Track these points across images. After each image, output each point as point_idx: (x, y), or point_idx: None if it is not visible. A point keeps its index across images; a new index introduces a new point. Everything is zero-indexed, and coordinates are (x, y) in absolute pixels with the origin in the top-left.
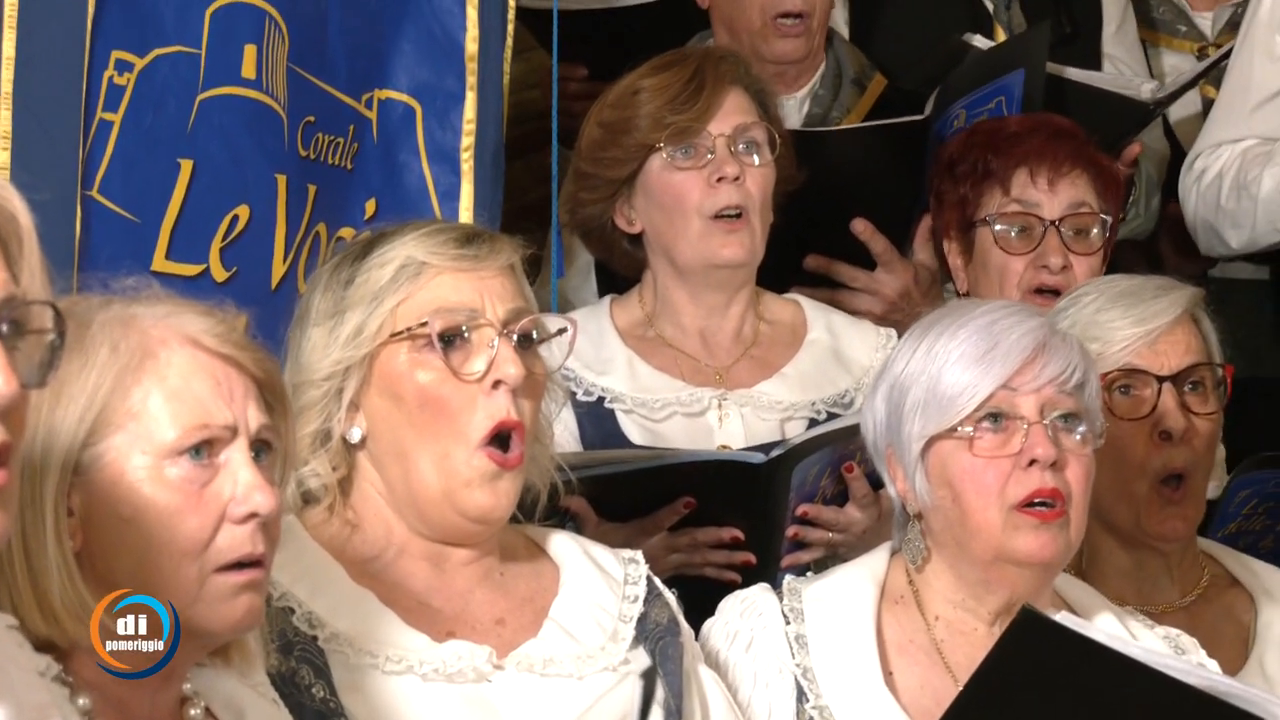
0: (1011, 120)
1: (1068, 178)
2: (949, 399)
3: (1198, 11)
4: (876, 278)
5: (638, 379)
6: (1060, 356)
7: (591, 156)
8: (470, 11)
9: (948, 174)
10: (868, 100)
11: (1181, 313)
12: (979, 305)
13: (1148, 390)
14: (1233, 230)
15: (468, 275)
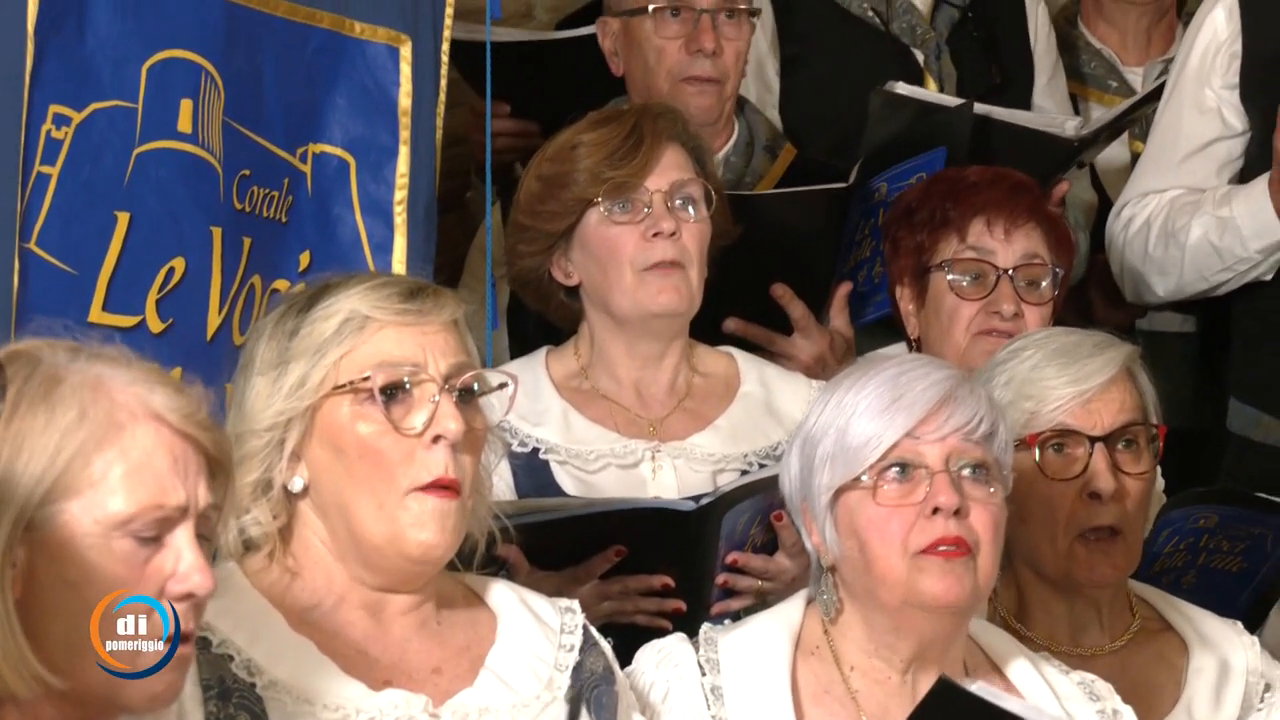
0: (971, 171)
1: (1023, 229)
2: (855, 450)
3: (1129, 67)
4: (793, 342)
5: (572, 431)
6: (966, 407)
7: (530, 209)
8: (404, 67)
9: (905, 221)
10: (779, 167)
11: (1117, 371)
12: (890, 359)
13: (1080, 450)
14: (1159, 278)
15: (411, 330)
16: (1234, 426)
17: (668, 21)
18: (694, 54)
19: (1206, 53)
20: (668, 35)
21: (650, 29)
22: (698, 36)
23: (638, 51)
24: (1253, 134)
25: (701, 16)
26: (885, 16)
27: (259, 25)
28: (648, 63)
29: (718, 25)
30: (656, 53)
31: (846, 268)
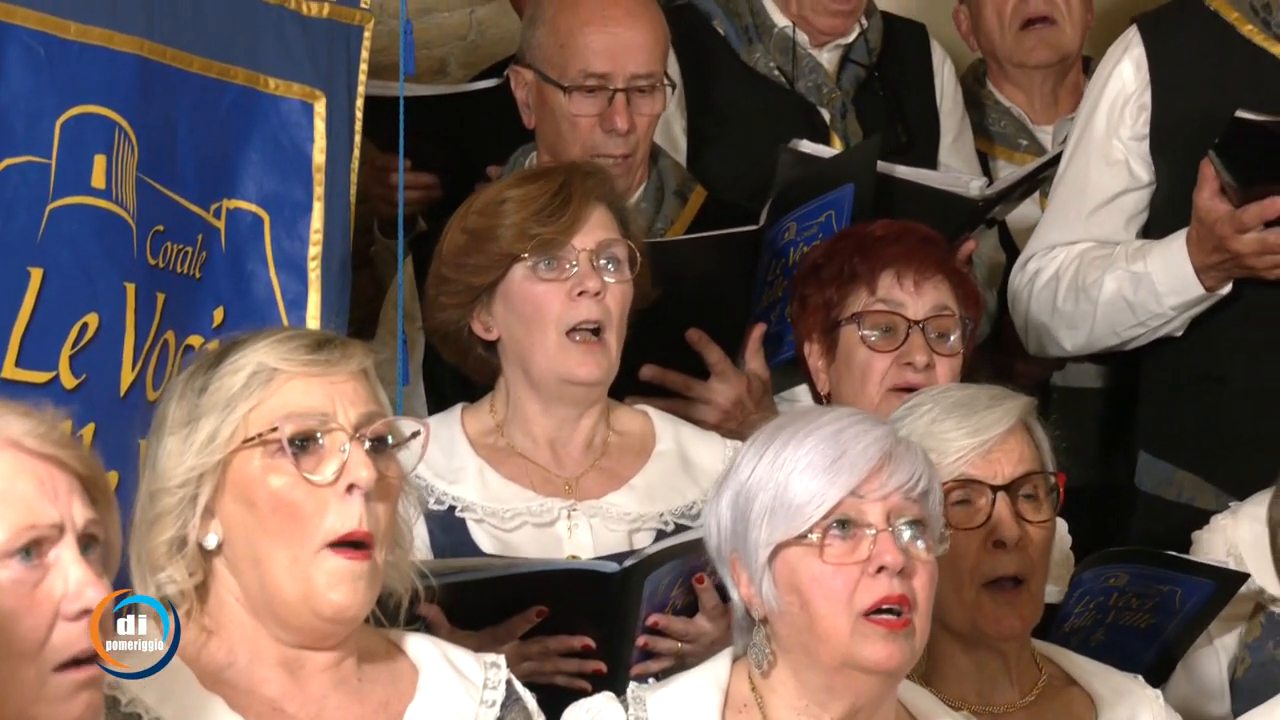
0: (877, 226)
1: (932, 281)
2: (797, 506)
3: (1038, 125)
4: (710, 387)
5: (488, 488)
6: (906, 464)
7: (454, 262)
8: (318, 123)
9: (812, 278)
10: (689, 211)
11: (1015, 423)
12: (824, 413)
13: (982, 500)
14: (1068, 332)
15: (319, 380)
16: (1143, 484)
17: (582, 99)
18: (608, 132)
19: (1114, 105)
20: (582, 111)
21: (564, 101)
22: (611, 117)
23: (550, 116)
24: (1160, 186)
25: (616, 96)
26: (791, 75)
27: (173, 81)
28: (560, 130)
29: (632, 101)
30: (570, 124)
31: (759, 309)
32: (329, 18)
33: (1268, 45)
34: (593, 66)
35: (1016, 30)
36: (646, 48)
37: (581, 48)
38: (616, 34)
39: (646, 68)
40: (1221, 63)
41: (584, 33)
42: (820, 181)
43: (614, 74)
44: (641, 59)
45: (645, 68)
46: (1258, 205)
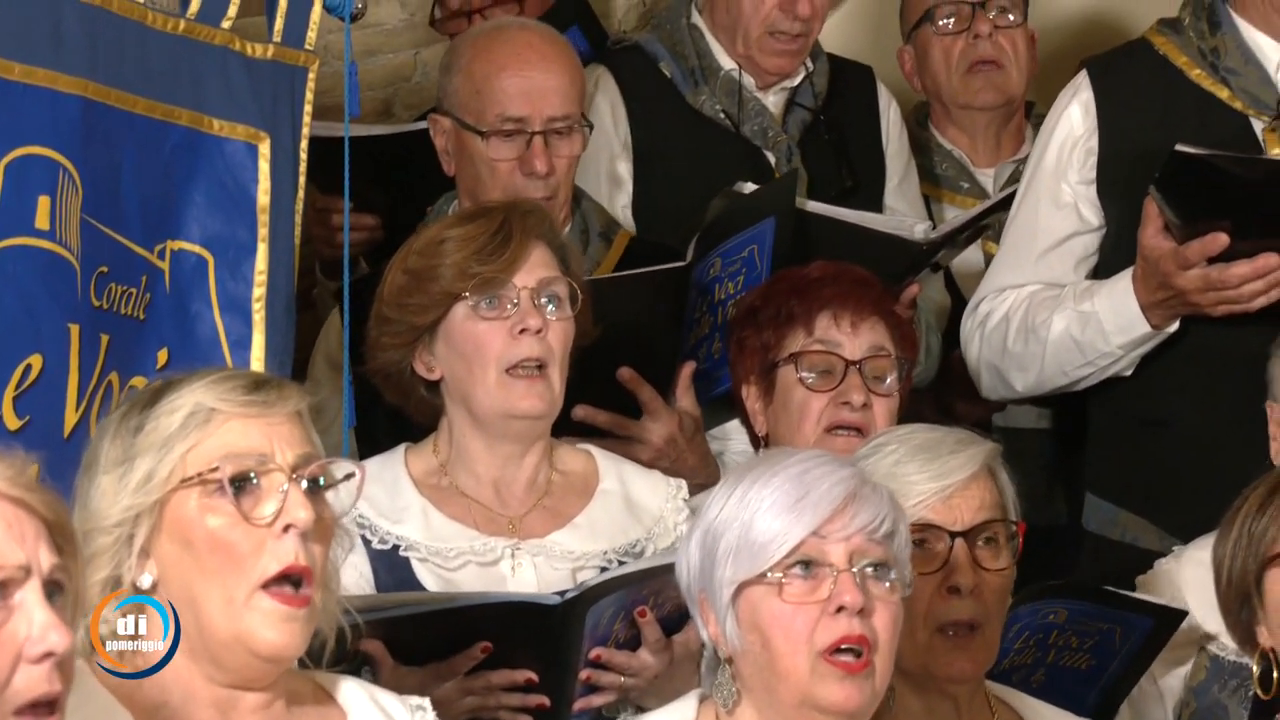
0: (813, 268)
1: (868, 322)
2: (760, 546)
3: (980, 168)
4: (643, 426)
5: (432, 528)
6: (870, 506)
7: (395, 302)
8: (262, 164)
9: (749, 320)
10: (614, 253)
11: (978, 469)
12: (793, 454)
13: (940, 544)
14: (1019, 373)
15: (256, 421)
16: (1090, 524)
17: (500, 143)
18: (528, 175)
19: (1063, 148)
20: (500, 156)
21: (483, 146)
22: (530, 160)
23: (470, 161)
24: (1109, 229)
25: (534, 139)
26: (737, 118)
27: (117, 122)
28: (480, 175)
29: (550, 144)
30: (489, 169)
31: (688, 346)
32: (273, 59)
33: (1215, 89)
34: (510, 110)
35: (963, 73)
36: (562, 90)
37: (498, 92)
38: (532, 77)
39: (563, 110)
40: (1169, 106)
41: (500, 77)
42: (742, 216)
43: (531, 117)
44: (558, 101)
45: (562, 110)
46: (1200, 241)
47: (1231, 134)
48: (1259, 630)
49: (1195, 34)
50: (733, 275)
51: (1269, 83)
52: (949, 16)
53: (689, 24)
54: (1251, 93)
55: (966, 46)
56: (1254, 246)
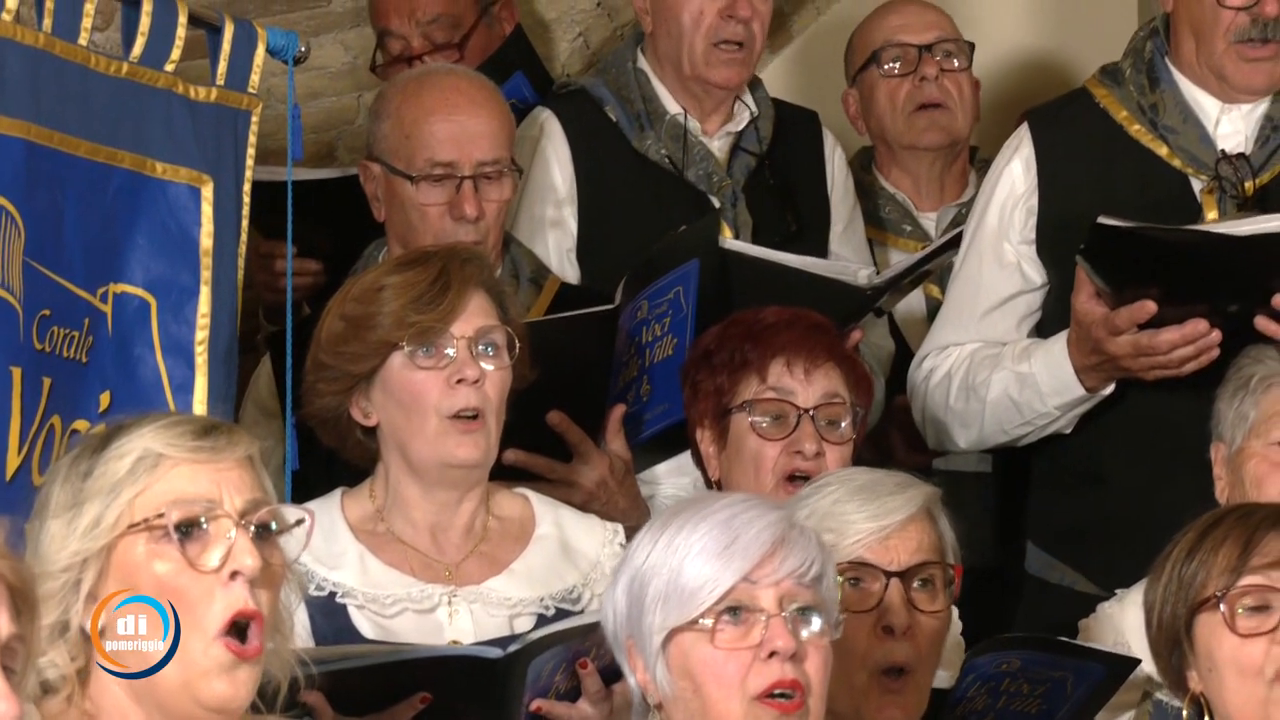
0: (768, 313)
1: (822, 369)
2: (690, 592)
3: (923, 212)
4: (574, 469)
5: (369, 574)
6: (799, 550)
7: (332, 349)
8: (205, 207)
9: (704, 364)
10: (545, 298)
11: (917, 510)
12: (719, 499)
13: (876, 584)
14: (961, 430)
15: (205, 467)
16: (1031, 567)
17: (430, 188)
18: (457, 220)
19: (1004, 207)
20: (430, 200)
21: (412, 191)
22: (460, 204)
23: (400, 207)
24: (1051, 287)
25: (463, 183)
26: (682, 163)
27: (60, 165)
28: (410, 220)
29: (480, 188)
30: (420, 214)
31: (617, 389)
32: (216, 102)
33: (1154, 146)
34: (439, 155)
35: (909, 113)
36: (491, 134)
37: (427, 137)
38: (461, 122)
39: (492, 154)
40: (1109, 162)
41: (429, 122)
42: (666, 259)
43: (460, 161)
44: (487, 146)
45: (491, 154)
46: (1129, 309)
47: (1171, 193)
48: (1189, 675)
49: (1135, 88)
50: (659, 318)
51: (1208, 141)
52: (895, 60)
53: (635, 68)
54: (1190, 151)
55: (912, 89)
56: (1183, 312)
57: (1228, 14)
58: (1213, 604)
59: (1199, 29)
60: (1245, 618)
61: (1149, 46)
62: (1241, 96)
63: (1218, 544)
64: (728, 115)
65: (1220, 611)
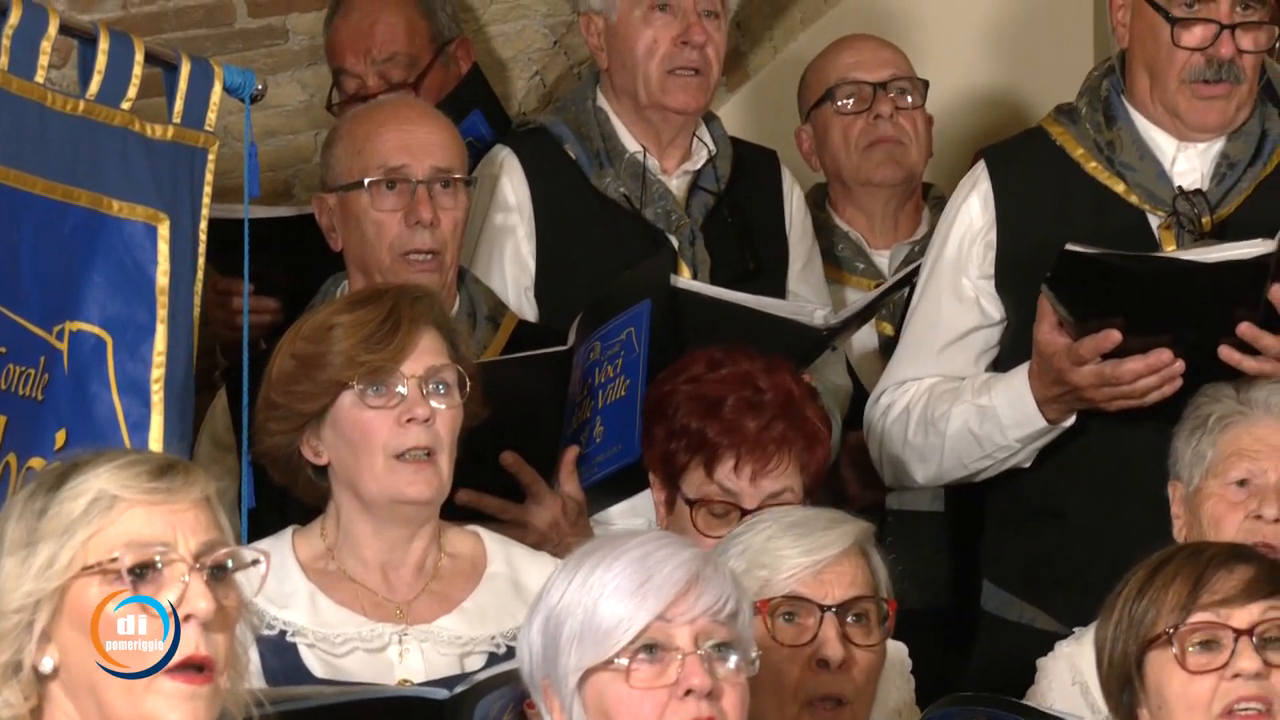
0: (730, 394)
1: (773, 473)
2: (605, 631)
3: (876, 249)
4: (526, 510)
5: (319, 613)
6: (714, 587)
7: (283, 388)
8: (161, 245)
9: (660, 416)
10: (502, 336)
11: (850, 545)
12: (633, 537)
13: (810, 619)
14: (919, 465)
15: (160, 508)
16: (988, 605)
17: (384, 194)
18: (413, 226)
19: (962, 242)
20: (385, 208)
21: (367, 202)
22: (415, 208)
23: (355, 225)
24: (1009, 322)
25: (418, 188)
26: (640, 201)
27: (16, 203)
28: (366, 236)
29: (434, 195)
30: (375, 226)
31: (570, 430)
32: (173, 140)
33: (1111, 183)
34: (391, 161)
35: (863, 149)
36: (444, 145)
37: (379, 146)
38: (413, 131)
39: (445, 162)
40: (1067, 199)
41: (380, 134)
42: (618, 299)
43: (413, 165)
44: (439, 154)
45: (444, 162)
46: (1093, 338)
47: (1128, 228)
48: (1140, 713)
49: (1092, 126)
50: (611, 359)
51: (1164, 178)
52: (849, 97)
53: (594, 106)
54: (1147, 188)
55: (867, 126)
56: (1146, 342)
57: (1182, 54)
58: (1163, 641)
59: (1154, 67)
60: (1195, 654)
61: (1105, 85)
62: (1196, 135)
63: (1168, 581)
64: (686, 153)
65: (1170, 648)
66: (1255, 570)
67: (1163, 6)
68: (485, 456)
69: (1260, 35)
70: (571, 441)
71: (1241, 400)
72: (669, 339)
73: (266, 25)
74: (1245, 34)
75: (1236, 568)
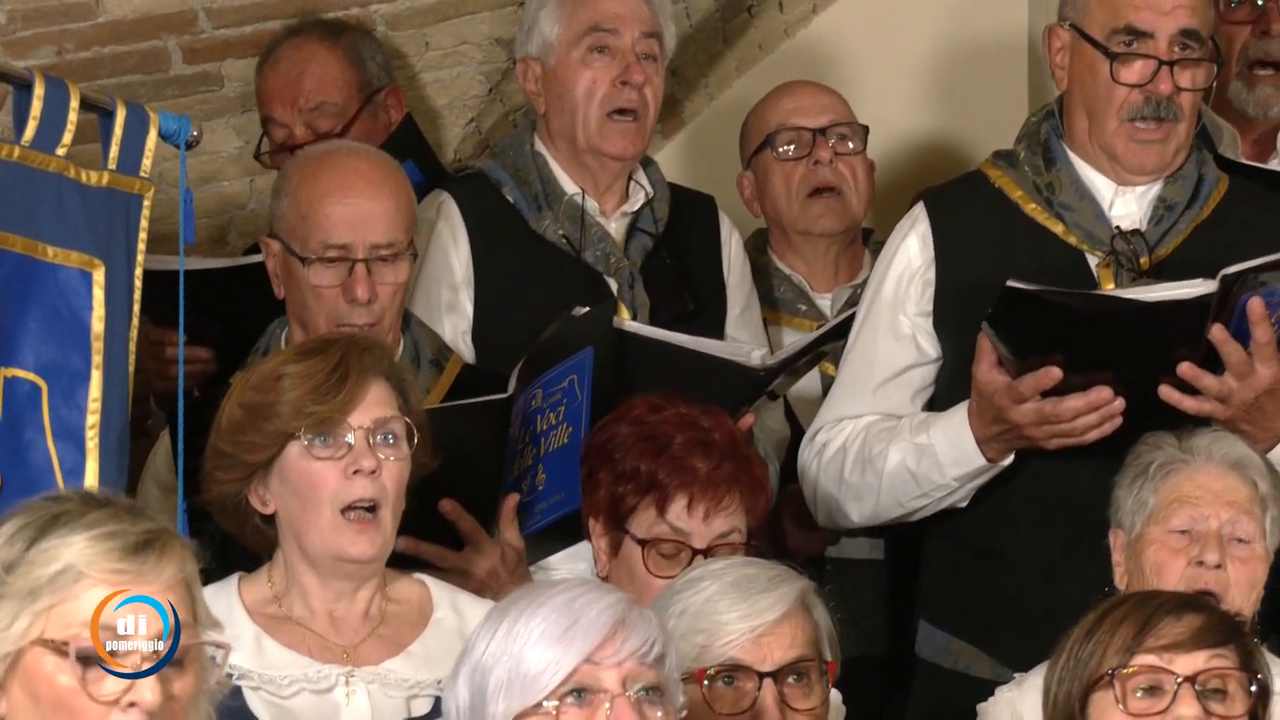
0: (678, 435)
1: (724, 511)
2: (532, 677)
3: (818, 293)
4: (465, 558)
5: (265, 656)
6: (640, 630)
7: (231, 438)
8: (97, 291)
9: (605, 460)
10: (446, 380)
11: (790, 606)
12: (556, 584)
13: (750, 684)
14: (855, 504)
15: (126, 590)
16: (923, 652)
17: (324, 270)
18: (350, 302)
19: (901, 280)
20: (323, 282)
21: (307, 273)
22: (352, 287)
23: (296, 286)
24: (945, 361)
25: (357, 267)
26: (579, 244)
27: None
28: (306, 302)
29: (374, 270)
30: (314, 296)
31: (511, 478)
32: (108, 186)
33: (1050, 224)
34: (332, 238)
35: (803, 198)
36: (387, 217)
37: (322, 219)
38: (356, 205)
39: (387, 237)
40: (1005, 239)
41: (324, 204)
42: (561, 346)
43: (354, 244)
44: (382, 229)
45: (386, 237)
46: (1033, 375)
47: (1067, 268)
48: None
49: (1031, 169)
50: (553, 406)
51: (1103, 219)
52: (790, 143)
53: (532, 150)
54: (1086, 228)
55: (807, 172)
56: (1087, 379)
57: (1121, 91)
58: (1106, 682)
59: (1092, 107)
60: (1137, 699)
61: (1044, 128)
62: (1133, 177)
63: (1115, 624)
64: (623, 196)
65: (1113, 690)
66: (1204, 619)
67: (1102, 43)
68: (425, 503)
69: (1198, 73)
70: (513, 489)
71: (1183, 448)
72: (613, 385)
73: (201, 72)
74: (1184, 71)
75: (1185, 615)
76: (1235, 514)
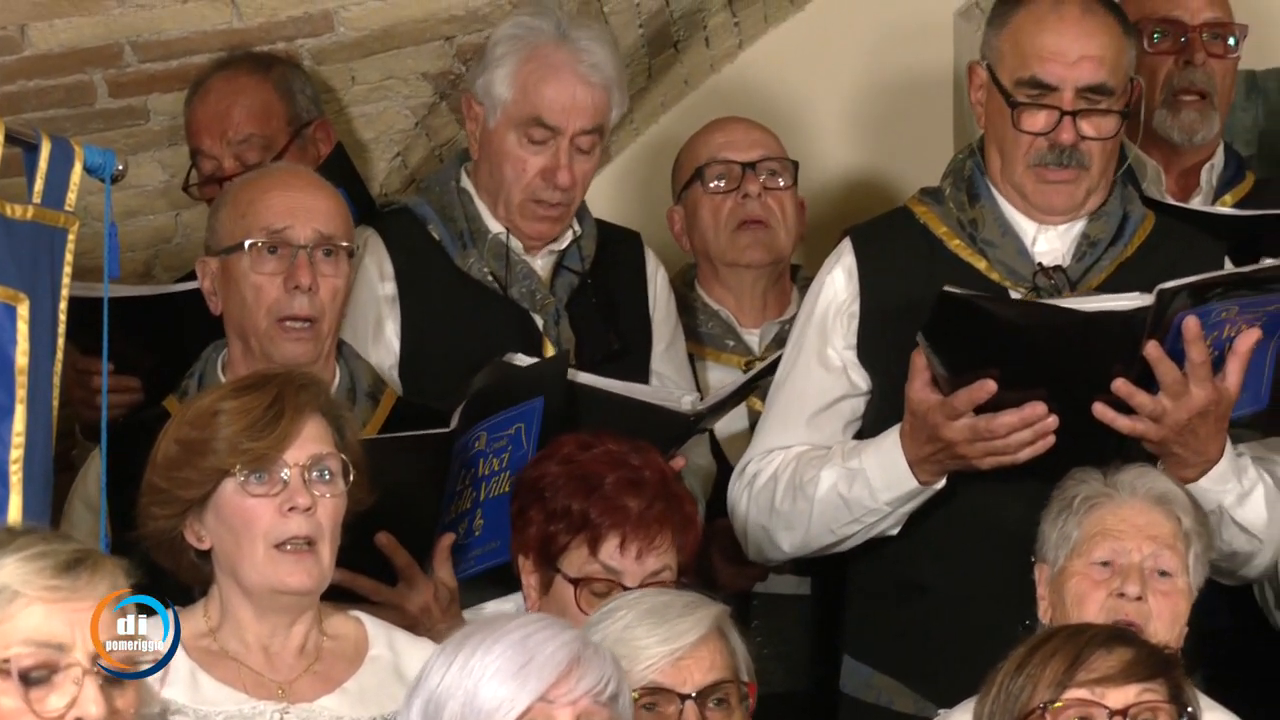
0: (609, 473)
1: (656, 550)
2: (487, 713)
3: (745, 327)
4: (399, 593)
5: (200, 690)
6: (595, 668)
7: (166, 474)
8: (21, 325)
9: (536, 499)
10: (381, 413)
11: (708, 630)
12: (512, 619)
13: (671, 707)
14: (786, 533)
15: (61, 605)
16: (846, 687)
17: (265, 258)
18: (291, 291)
19: (827, 314)
20: (264, 271)
21: (247, 265)
22: (294, 273)
23: (235, 289)
24: (872, 393)
25: (299, 253)
26: (505, 281)
27: None
28: (245, 299)
29: (315, 262)
30: (254, 290)
31: (448, 518)
32: (33, 220)
33: (973, 260)
34: (274, 224)
35: (731, 230)
36: (328, 212)
37: (263, 210)
38: (298, 197)
39: (329, 229)
40: (930, 275)
41: (265, 198)
42: (511, 392)
43: (296, 229)
44: (323, 220)
45: (328, 229)
46: (968, 389)
47: None
48: None
49: (955, 205)
50: (498, 452)
51: (1025, 255)
52: (720, 177)
53: (458, 188)
54: (1008, 264)
55: (735, 206)
56: (1021, 396)
57: (1026, 138)
58: (1038, 716)
59: (1003, 148)
60: None
61: (968, 165)
62: (1047, 217)
63: (1047, 658)
64: None
65: None
66: (1135, 653)
67: (1009, 90)
68: (360, 536)
69: (1104, 123)
70: (449, 529)
71: (1108, 483)
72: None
73: (127, 105)
74: (1087, 121)
75: (1116, 649)
76: (1158, 548)
